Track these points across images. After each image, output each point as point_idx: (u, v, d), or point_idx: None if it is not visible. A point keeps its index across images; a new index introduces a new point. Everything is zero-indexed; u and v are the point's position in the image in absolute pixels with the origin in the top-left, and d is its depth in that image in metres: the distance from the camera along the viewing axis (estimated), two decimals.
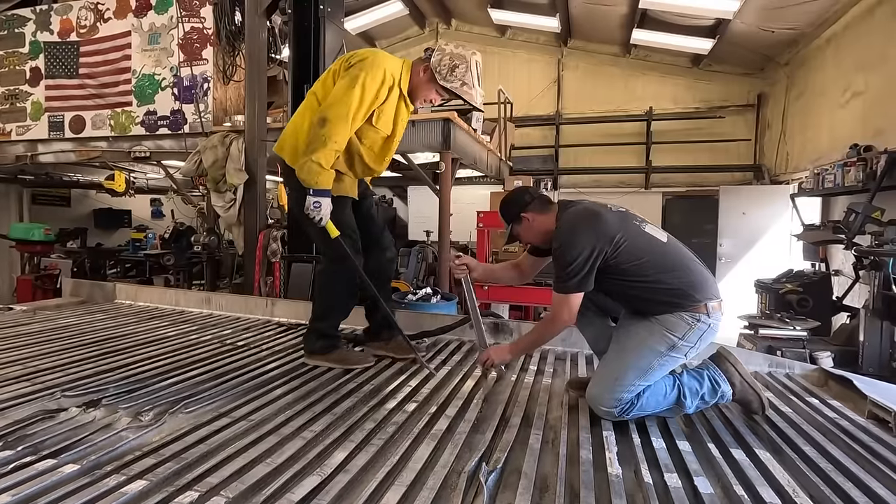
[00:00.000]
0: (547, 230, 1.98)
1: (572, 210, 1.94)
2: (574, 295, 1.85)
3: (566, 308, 1.87)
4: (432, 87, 2.26)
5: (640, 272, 1.81)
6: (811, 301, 4.33)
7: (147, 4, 5.38)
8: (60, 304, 3.56)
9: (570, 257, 1.80)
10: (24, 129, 5.92)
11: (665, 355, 1.77)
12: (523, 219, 2.02)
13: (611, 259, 1.81)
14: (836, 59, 5.63)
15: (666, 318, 1.79)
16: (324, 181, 2.11)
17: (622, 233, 1.82)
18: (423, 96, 2.31)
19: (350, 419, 1.74)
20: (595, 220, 1.85)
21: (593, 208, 1.92)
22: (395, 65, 2.21)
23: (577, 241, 1.81)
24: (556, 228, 1.92)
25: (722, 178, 7.66)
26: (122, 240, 7.98)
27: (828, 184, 4.91)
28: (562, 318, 1.89)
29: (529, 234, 2.05)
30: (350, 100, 2.07)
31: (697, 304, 1.79)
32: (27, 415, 1.67)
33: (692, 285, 1.80)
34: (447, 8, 8.69)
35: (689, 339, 1.78)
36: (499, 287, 4.69)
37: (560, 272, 1.85)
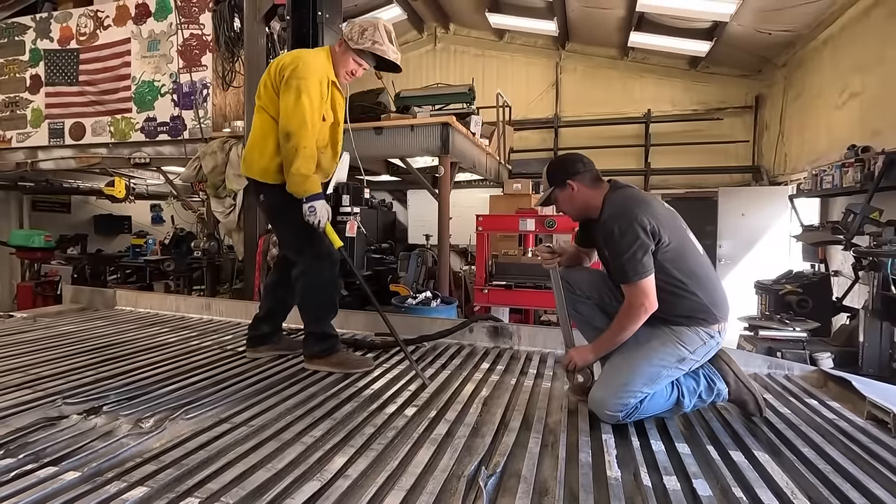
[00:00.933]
0: (588, 205, 1.91)
1: (625, 192, 1.86)
2: (646, 279, 1.73)
3: (644, 296, 1.74)
4: (349, 57, 2.38)
5: (675, 275, 1.77)
6: (811, 302, 4.33)
7: (146, 12, 5.41)
8: (61, 311, 3.57)
9: (630, 241, 1.71)
10: (25, 136, 5.94)
11: (673, 366, 1.77)
12: (568, 185, 1.91)
13: (660, 252, 1.75)
14: (833, 60, 5.65)
15: (682, 330, 1.78)
16: (311, 187, 2.23)
17: (672, 229, 1.78)
18: (345, 70, 2.41)
19: (350, 424, 1.74)
20: (648, 205, 1.79)
21: (645, 195, 1.87)
22: (320, 59, 2.35)
23: (635, 223, 1.72)
24: (606, 209, 1.84)
25: (721, 179, 7.67)
26: (122, 246, 7.99)
27: (826, 184, 4.92)
28: (644, 307, 1.75)
29: (568, 203, 1.96)
30: (302, 110, 2.21)
31: (714, 322, 1.79)
32: (28, 422, 1.68)
33: (714, 302, 1.80)
34: (445, 12, 8.72)
35: (699, 353, 1.79)
36: (499, 290, 4.69)
37: (621, 259, 1.75)
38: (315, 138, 2.28)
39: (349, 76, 2.44)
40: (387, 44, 2.38)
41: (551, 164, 2.00)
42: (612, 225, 1.77)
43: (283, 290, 2.55)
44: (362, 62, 2.41)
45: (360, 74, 2.49)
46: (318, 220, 2.22)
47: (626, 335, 1.81)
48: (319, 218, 2.22)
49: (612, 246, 1.78)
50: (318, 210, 2.22)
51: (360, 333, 3.07)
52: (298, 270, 2.40)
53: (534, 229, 4.58)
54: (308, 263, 2.38)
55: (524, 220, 4.58)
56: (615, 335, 1.84)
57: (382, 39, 2.36)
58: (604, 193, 1.89)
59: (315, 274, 2.39)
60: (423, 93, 5.95)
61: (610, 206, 1.84)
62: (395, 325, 3.04)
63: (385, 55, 2.39)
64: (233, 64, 5.39)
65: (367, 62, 2.42)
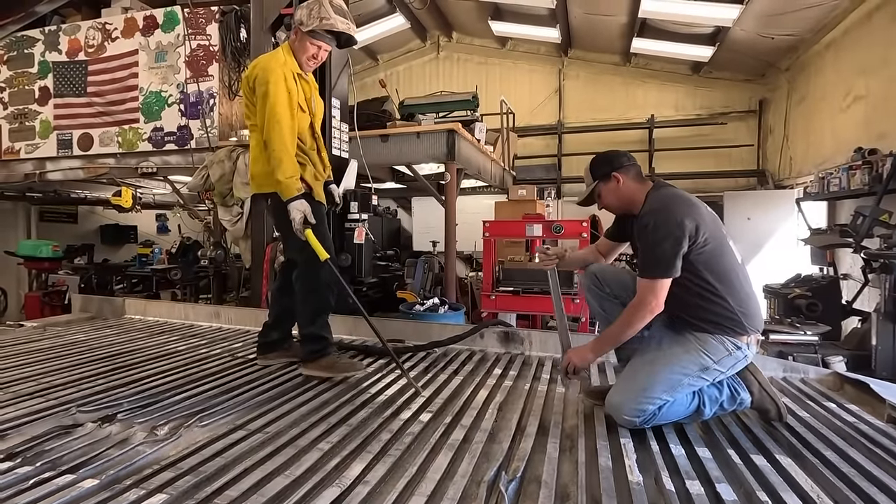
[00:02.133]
0: (631, 199, 1.89)
1: (669, 191, 1.85)
2: (663, 280, 1.71)
3: (653, 295, 1.72)
4: (305, 42, 2.37)
5: (709, 279, 1.74)
6: (820, 305, 4.30)
7: (154, 23, 5.47)
8: (70, 320, 3.57)
9: (661, 237, 1.69)
10: (33, 147, 5.98)
11: (695, 375, 1.74)
12: (613, 178, 1.90)
13: (694, 252, 1.72)
14: (837, 63, 5.66)
15: (706, 338, 1.75)
16: (285, 191, 2.25)
17: (713, 231, 1.75)
18: (306, 57, 2.40)
19: (366, 430, 1.73)
20: (692, 205, 1.77)
21: (690, 196, 1.85)
22: (277, 57, 2.36)
23: (672, 220, 1.70)
24: (647, 204, 1.82)
25: (726, 183, 7.66)
26: (129, 255, 8.03)
27: (833, 187, 4.91)
28: (650, 306, 1.73)
29: (612, 196, 1.93)
30: (272, 111, 2.25)
31: (743, 334, 1.76)
32: (44, 431, 1.68)
33: (746, 314, 1.76)
34: (448, 21, 8.79)
35: (723, 364, 1.75)
36: (506, 296, 4.68)
37: (648, 254, 1.74)
38: (290, 138, 2.30)
39: (312, 61, 2.43)
40: (334, 16, 2.33)
41: (594, 160, 1.97)
42: (650, 218, 1.75)
43: (287, 297, 2.54)
44: (319, 43, 2.38)
45: (324, 57, 2.47)
46: (292, 221, 2.24)
47: (629, 333, 1.79)
48: (294, 219, 2.24)
49: (644, 238, 1.76)
50: (293, 212, 2.24)
51: (369, 340, 3.05)
52: (297, 273, 2.43)
53: (541, 235, 4.58)
54: (305, 266, 2.40)
55: (531, 226, 4.58)
56: (618, 332, 1.81)
57: (329, 14, 2.32)
58: (647, 190, 1.88)
59: (311, 277, 2.40)
60: (428, 101, 5.99)
61: (652, 202, 1.82)
62: (405, 332, 3.06)
63: (334, 27, 2.35)
64: (239, 73, 5.44)
65: (324, 42, 2.39)
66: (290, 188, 2.25)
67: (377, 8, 7.94)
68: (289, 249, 2.57)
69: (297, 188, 2.26)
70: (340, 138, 3.89)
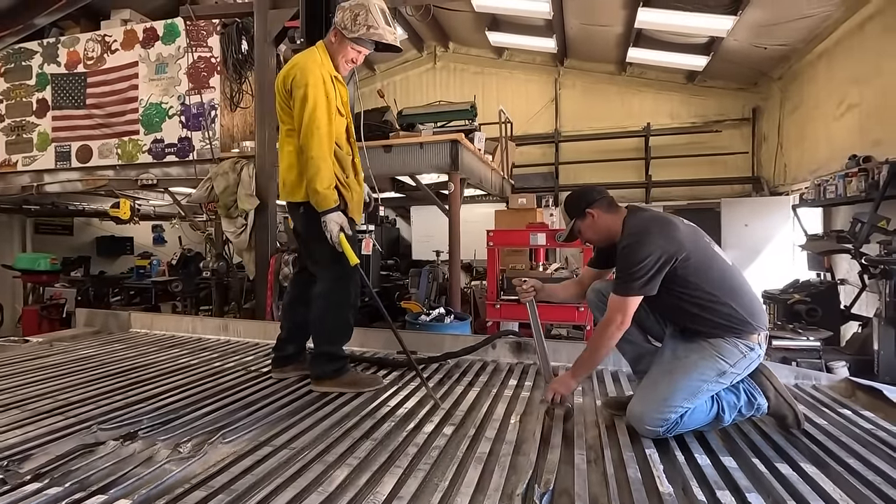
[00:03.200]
0: (610, 230, 1.95)
1: (644, 214, 1.91)
2: (633, 298, 1.78)
3: (621, 312, 1.79)
4: (346, 46, 2.31)
5: (706, 288, 1.78)
6: (820, 311, 4.36)
7: (154, 35, 5.47)
8: (76, 335, 3.54)
9: (638, 257, 1.75)
10: (31, 159, 5.94)
11: (713, 380, 1.77)
12: (587, 214, 1.97)
13: (679, 268, 1.76)
14: (829, 73, 5.78)
15: (720, 342, 1.78)
16: (322, 202, 2.20)
17: (694, 244, 1.80)
18: (345, 61, 2.34)
19: (391, 444, 1.73)
20: (668, 225, 1.83)
21: (665, 216, 1.91)
22: (315, 59, 2.28)
23: (648, 241, 1.76)
24: (625, 230, 1.88)
25: (722, 190, 7.77)
26: (125, 267, 7.95)
27: (829, 194, 4.99)
28: (615, 323, 1.80)
29: (591, 231, 2.00)
30: (311, 116, 2.18)
31: (752, 333, 1.79)
32: (67, 449, 1.66)
33: (751, 313, 1.80)
34: (444, 32, 8.87)
35: (739, 366, 1.78)
36: (510, 305, 4.69)
37: (624, 272, 1.79)
38: (328, 144, 2.24)
39: (349, 65, 2.38)
40: (382, 26, 2.28)
41: (568, 200, 2.06)
42: (626, 242, 1.83)
43: (301, 309, 2.50)
44: (361, 49, 2.33)
45: (361, 61, 2.43)
46: (328, 233, 2.21)
47: (603, 353, 1.88)
48: (330, 231, 2.20)
49: (621, 259, 1.83)
50: (329, 223, 2.20)
51: (381, 352, 3.06)
52: (322, 288, 2.36)
53: (545, 243, 4.61)
54: (335, 282, 2.35)
55: (535, 235, 4.61)
56: (591, 354, 1.90)
57: (377, 22, 2.25)
58: (622, 218, 1.94)
59: (339, 294, 2.36)
60: (426, 110, 6.03)
61: (629, 228, 1.88)
62: (416, 343, 3.06)
63: (382, 39, 2.29)
64: (240, 85, 5.45)
65: (365, 48, 2.34)
66: (327, 199, 2.19)
67: None
68: (314, 263, 2.46)
69: (334, 199, 2.21)
70: None
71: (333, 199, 2.21)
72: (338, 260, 2.30)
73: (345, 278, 2.35)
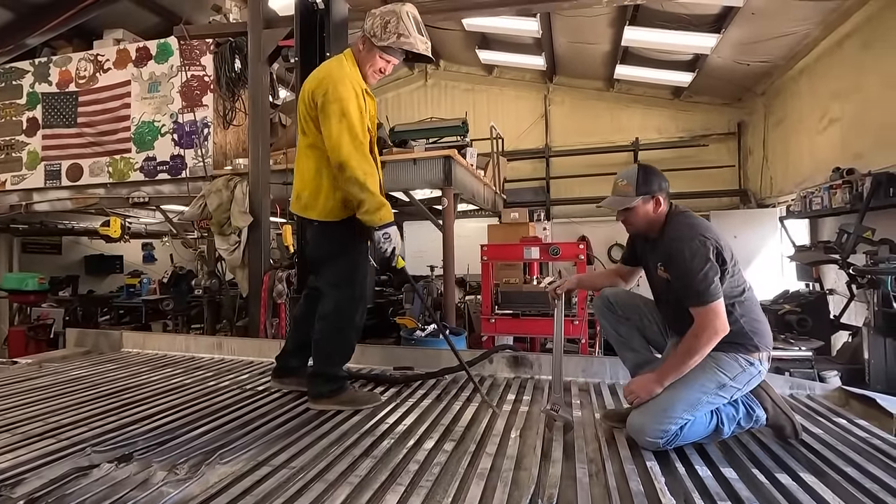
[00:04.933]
0: (657, 222, 1.92)
1: (689, 217, 1.89)
2: (716, 303, 1.72)
3: (715, 316, 1.72)
4: (375, 55, 2.21)
5: (728, 301, 1.79)
6: (810, 321, 4.41)
7: (147, 55, 5.50)
8: (66, 356, 3.47)
9: (700, 261, 1.72)
10: (20, 178, 5.90)
11: (713, 393, 1.78)
12: (655, 197, 1.89)
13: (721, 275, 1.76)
14: (811, 88, 5.95)
15: (720, 356, 1.79)
16: (386, 214, 2.12)
17: (732, 254, 1.83)
18: (373, 70, 2.24)
19: (391, 461, 1.72)
20: (713, 229, 1.85)
21: (709, 224, 1.92)
22: (346, 71, 2.18)
23: (705, 245, 1.75)
24: (670, 230, 1.86)
25: (710, 203, 7.90)
26: (114, 286, 7.86)
27: (815, 206, 5.10)
28: (713, 328, 1.71)
29: (645, 215, 1.91)
30: (347, 135, 2.07)
31: (755, 350, 1.82)
32: (61, 473, 1.62)
33: (755, 330, 1.83)
34: (436, 50, 9.00)
35: (739, 380, 1.80)
36: (505, 319, 4.70)
37: (693, 283, 1.73)
38: (369, 159, 2.15)
39: (378, 75, 2.28)
40: (414, 35, 2.16)
41: (643, 172, 1.92)
42: (681, 246, 1.78)
43: (310, 325, 2.42)
44: (391, 58, 2.23)
45: (389, 71, 2.32)
46: (392, 246, 2.14)
47: (696, 360, 1.74)
48: (395, 245, 2.14)
49: (679, 267, 1.79)
50: (393, 236, 2.14)
51: (377, 368, 3.04)
52: (329, 307, 2.27)
53: (538, 257, 4.64)
54: (344, 303, 2.28)
55: (528, 249, 4.64)
56: (684, 360, 1.76)
57: (408, 31, 2.15)
58: (666, 214, 1.93)
59: (346, 315, 2.29)
60: (418, 126, 6.09)
61: (675, 227, 1.86)
62: (412, 359, 3.06)
63: (413, 48, 2.19)
64: (233, 103, 5.48)
65: (395, 57, 2.24)
66: (388, 212, 2.12)
67: None
68: (325, 281, 2.34)
69: (390, 213, 2.12)
70: None
71: (390, 213, 2.14)
72: (350, 281, 2.26)
73: (355, 300, 2.30)
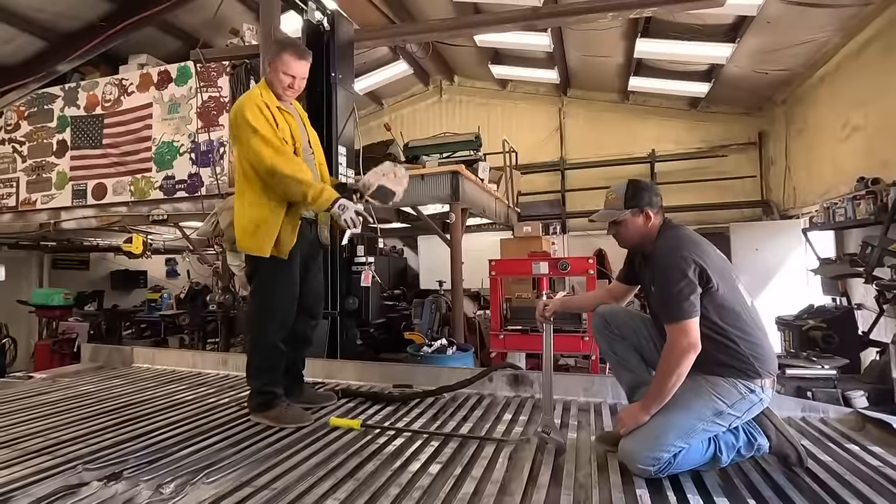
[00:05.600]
0: (648, 236, 1.89)
1: (681, 230, 1.86)
2: (690, 321, 1.67)
3: (684, 335, 1.67)
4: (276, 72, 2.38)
5: (715, 321, 1.73)
6: (836, 337, 4.21)
7: (168, 78, 5.72)
8: (79, 371, 3.58)
9: (677, 275, 1.69)
10: (49, 197, 6.16)
11: (709, 420, 1.70)
12: (645, 212, 1.87)
13: (704, 294, 1.71)
14: (832, 96, 5.76)
15: (718, 381, 1.72)
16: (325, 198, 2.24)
17: (720, 274, 1.75)
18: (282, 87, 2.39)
19: (374, 484, 1.69)
20: (699, 246, 1.78)
21: (698, 237, 1.85)
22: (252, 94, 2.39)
23: (684, 259, 1.71)
24: (659, 243, 1.83)
25: (731, 215, 7.68)
26: (138, 300, 8.10)
27: (839, 217, 4.90)
28: (681, 346, 1.67)
29: (634, 230, 1.89)
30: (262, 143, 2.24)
31: (756, 377, 1.73)
32: (50, 491, 1.66)
33: (757, 355, 1.74)
34: (449, 66, 9.10)
35: (738, 408, 1.72)
36: (515, 335, 4.64)
37: (668, 298, 1.71)
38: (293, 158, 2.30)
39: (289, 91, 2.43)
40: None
41: (633, 187, 1.91)
42: (663, 261, 1.76)
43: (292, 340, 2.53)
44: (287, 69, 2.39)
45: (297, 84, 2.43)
46: (349, 214, 2.23)
47: (673, 381, 1.69)
48: (351, 215, 2.23)
49: (659, 280, 1.75)
50: (346, 203, 2.24)
51: (377, 385, 3.03)
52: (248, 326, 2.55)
53: (547, 272, 4.57)
54: (253, 319, 2.47)
55: (537, 264, 4.58)
56: (661, 383, 1.72)
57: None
58: (659, 227, 1.89)
59: (257, 330, 2.44)
60: (432, 142, 6.13)
61: (664, 241, 1.83)
62: (413, 376, 3.03)
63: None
64: None
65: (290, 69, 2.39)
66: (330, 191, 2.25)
67: (381, 56, 8.26)
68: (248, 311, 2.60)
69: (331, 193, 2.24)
70: None
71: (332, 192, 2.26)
72: (256, 299, 2.44)
73: (260, 317, 2.43)
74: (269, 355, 2.43)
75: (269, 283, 2.41)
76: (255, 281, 2.46)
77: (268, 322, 2.41)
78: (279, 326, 2.41)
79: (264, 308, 2.42)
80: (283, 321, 2.42)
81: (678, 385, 1.70)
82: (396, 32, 5.49)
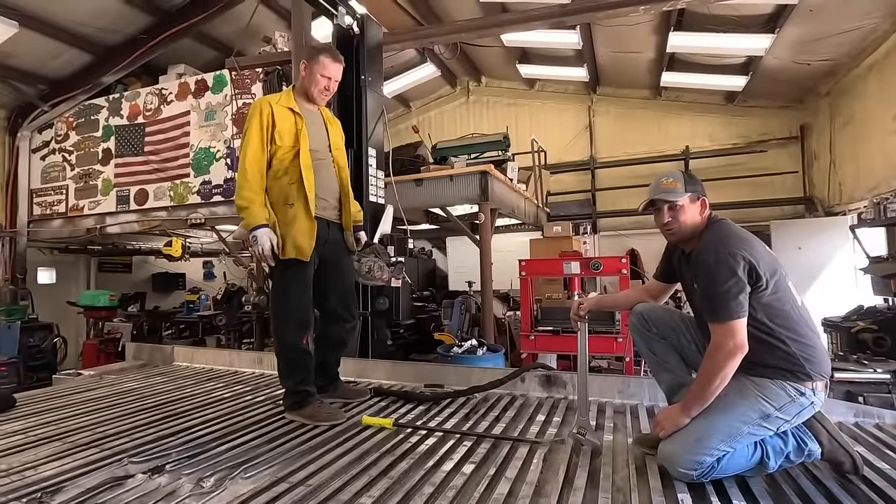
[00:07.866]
0: (699, 227, 1.81)
1: (729, 226, 1.78)
2: (736, 321, 1.60)
3: (730, 336, 1.60)
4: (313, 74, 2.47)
5: (763, 320, 1.66)
6: (889, 340, 3.99)
7: (205, 86, 5.91)
8: (124, 368, 3.73)
9: (725, 273, 1.61)
10: (95, 203, 6.46)
11: (755, 424, 1.63)
12: (702, 200, 1.81)
13: (752, 292, 1.64)
14: (881, 85, 5.47)
15: (765, 383, 1.65)
16: (248, 220, 2.33)
17: (773, 271, 1.68)
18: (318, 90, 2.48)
19: (407, 483, 1.69)
20: (751, 243, 1.70)
21: (746, 233, 1.77)
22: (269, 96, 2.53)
23: (733, 256, 1.63)
24: (704, 239, 1.76)
25: (770, 212, 7.38)
26: (177, 302, 8.39)
27: (891, 213, 4.64)
28: (727, 348, 1.60)
29: (689, 217, 1.80)
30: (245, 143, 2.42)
31: (806, 379, 1.64)
32: (97, 483, 1.72)
33: (808, 358, 1.65)
34: (476, 67, 9.08)
35: (787, 411, 1.63)
36: (546, 336, 4.58)
37: (714, 297, 1.64)
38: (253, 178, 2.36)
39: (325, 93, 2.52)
40: None
41: (687, 173, 1.89)
42: (710, 256, 1.69)
43: (323, 343, 2.62)
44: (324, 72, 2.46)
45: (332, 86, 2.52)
46: (259, 247, 2.29)
47: (717, 383, 1.62)
48: (262, 246, 2.29)
49: (705, 277, 1.68)
50: (260, 238, 2.30)
51: (409, 385, 3.03)
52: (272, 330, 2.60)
53: (579, 272, 4.50)
54: (275, 326, 2.50)
55: (568, 264, 4.51)
56: (704, 385, 1.65)
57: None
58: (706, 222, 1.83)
59: (278, 334, 2.49)
60: (460, 143, 6.12)
61: (709, 236, 1.76)
62: (444, 376, 3.03)
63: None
64: None
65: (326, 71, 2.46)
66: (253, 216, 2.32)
67: (409, 59, 8.32)
68: None
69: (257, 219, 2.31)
70: (377, 185, 4.02)
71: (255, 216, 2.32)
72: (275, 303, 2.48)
73: (279, 316, 2.47)
74: (293, 357, 2.46)
75: (284, 286, 2.45)
76: (272, 283, 2.53)
77: (286, 324, 2.45)
78: (298, 327, 2.44)
79: (282, 310, 2.46)
80: (301, 322, 2.45)
81: (721, 388, 1.63)
82: (424, 34, 5.51)
